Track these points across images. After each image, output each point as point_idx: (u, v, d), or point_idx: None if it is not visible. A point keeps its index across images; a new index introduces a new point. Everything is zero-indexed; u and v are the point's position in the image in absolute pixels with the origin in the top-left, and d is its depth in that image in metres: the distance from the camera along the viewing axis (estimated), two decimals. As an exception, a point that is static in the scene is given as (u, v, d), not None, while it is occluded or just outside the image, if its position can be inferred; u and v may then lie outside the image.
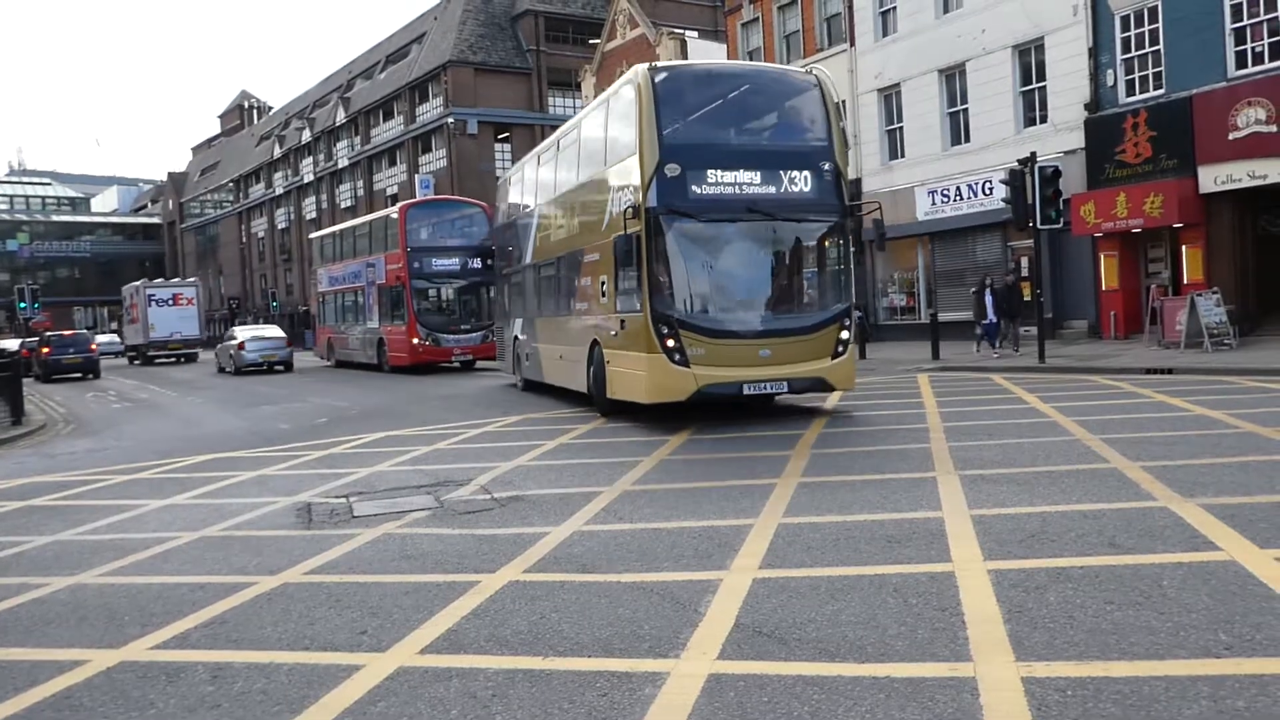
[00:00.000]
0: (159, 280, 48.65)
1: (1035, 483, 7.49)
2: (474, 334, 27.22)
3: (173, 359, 42.28)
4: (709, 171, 11.41)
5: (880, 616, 4.66)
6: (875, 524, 6.52)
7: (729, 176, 11.48)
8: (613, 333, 12.58)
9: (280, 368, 31.72)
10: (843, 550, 5.94)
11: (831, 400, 14.06)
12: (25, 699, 4.34)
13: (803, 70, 13.04)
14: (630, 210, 11.56)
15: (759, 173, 11.58)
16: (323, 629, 5.09)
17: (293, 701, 4.11)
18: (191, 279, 52.55)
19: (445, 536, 7.02)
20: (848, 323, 11.88)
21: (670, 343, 11.24)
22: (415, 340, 26.51)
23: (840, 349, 11.77)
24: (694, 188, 11.36)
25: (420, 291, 26.91)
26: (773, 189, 11.60)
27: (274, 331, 33.63)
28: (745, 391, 11.37)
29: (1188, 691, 3.63)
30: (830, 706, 3.71)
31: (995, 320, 20.48)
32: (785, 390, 11.60)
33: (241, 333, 32.90)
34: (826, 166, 11.85)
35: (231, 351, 32.08)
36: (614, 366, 12.71)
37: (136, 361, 44.39)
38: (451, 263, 27.24)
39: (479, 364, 27.80)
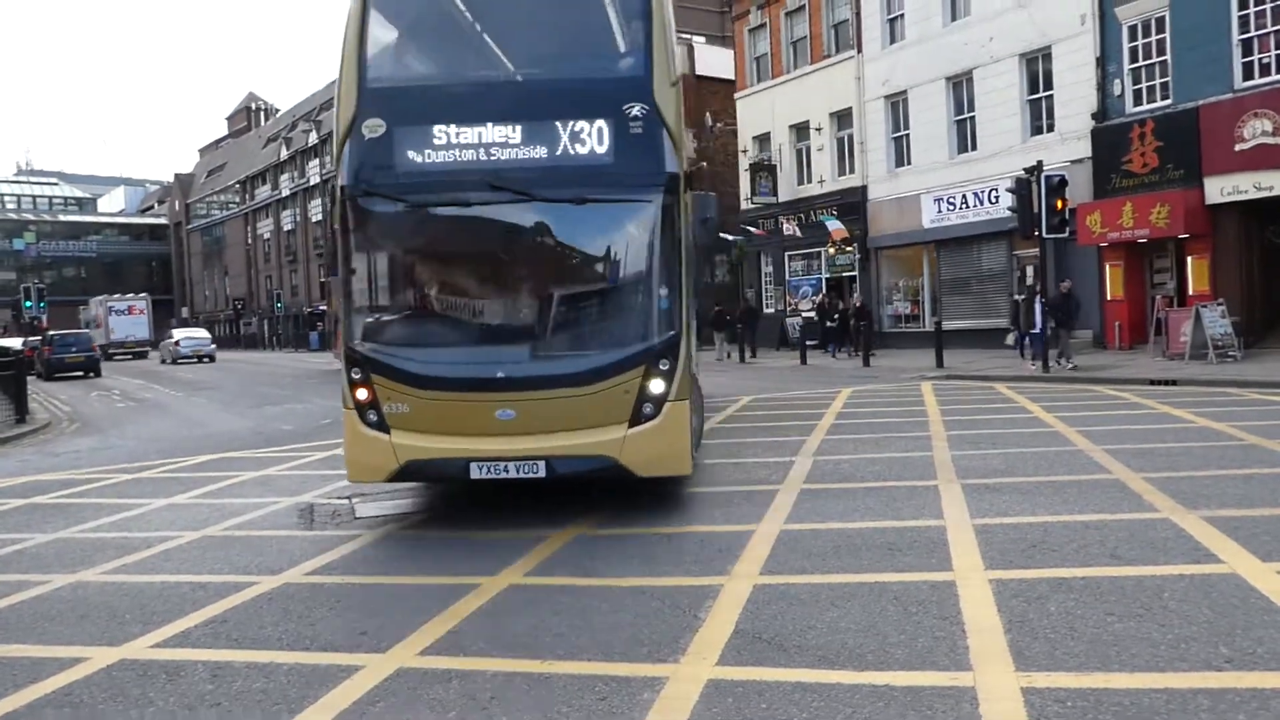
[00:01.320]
0: (116, 295, 60.39)
1: (1037, 492, 7.48)
2: None
3: (129, 355, 53.08)
4: (435, 128, 7.29)
5: (880, 624, 4.66)
6: (876, 531, 6.52)
7: (467, 134, 7.27)
8: None
9: (207, 360, 43.07)
10: (844, 557, 5.93)
11: (837, 403, 14.06)
12: (26, 695, 4.36)
13: None
14: (330, 192, 7.66)
15: (518, 126, 7.27)
16: (323, 629, 5.10)
17: (292, 701, 4.12)
18: (142, 294, 62.57)
19: (447, 539, 7.03)
20: (665, 366, 7.13)
21: (362, 393, 7.27)
22: None
23: (647, 410, 7.07)
24: (409, 154, 7.32)
25: None
26: (541, 151, 7.26)
27: (203, 333, 47.76)
28: (474, 475, 7.11)
29: (1188, 704, 3.62)
30: (829, 714, 3.71)
31: (1042, 330, 19.34)
32: (541, 475, 7.08)
33: (178, 333, 46.06)
34: (636, 112, 7.28)
35: (171, 347, 44.16)
36: None
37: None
38: None
39: None
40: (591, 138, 7.30)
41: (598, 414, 7.07)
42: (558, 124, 7.26)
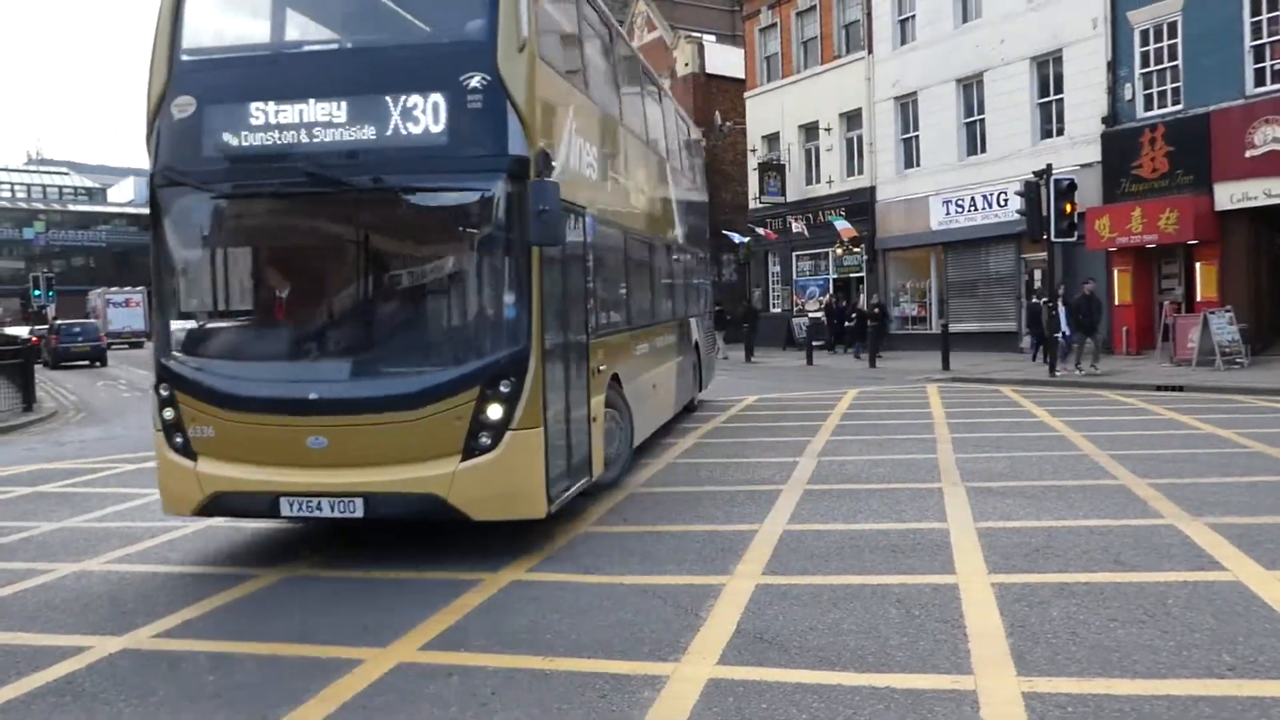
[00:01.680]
0: (114, 288, 62.13)
1: (1042, 497, 7.46)
2: None
3: (125, 345, 54.24)
4: (251, 106, 6.35)
5: (882, 627, 4.66)
6: (879, 533, 6.51)
7: (287, 113, 6.30)
8: None
9: None
10: (846, 559, 5.93)
11: (843, 404, 14.06)
12: (28, 683, 4.37)
13: None
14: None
15: (343, 102, 6.27)
16: (325, 622, 5.12)
17: (293, 693, 4.12)
18: (139, 287, 62.69)
19: (449, 534, 7.03)
20: (507, 387, 6.07)
21: (168, 413, 6.46)
22: None
23: (483, 440, 6.06)
24: (223, 136, 6.41)
25: None
26: (368, 131, 6.25)
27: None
28: (285, 511, 6.26)
29: (1189, 712, 3.61)
30: (829, 715, 3.71)
31: (1068, 335, 18.91)
32: (358, 515, 6.14)
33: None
34: (475, 84, 6.16)
35: None
36: None
37: None
38: None
39: None
40: (426, 115, 6.23)
41: (423, 444, 6.06)
42: (388, 99, 6.23)
